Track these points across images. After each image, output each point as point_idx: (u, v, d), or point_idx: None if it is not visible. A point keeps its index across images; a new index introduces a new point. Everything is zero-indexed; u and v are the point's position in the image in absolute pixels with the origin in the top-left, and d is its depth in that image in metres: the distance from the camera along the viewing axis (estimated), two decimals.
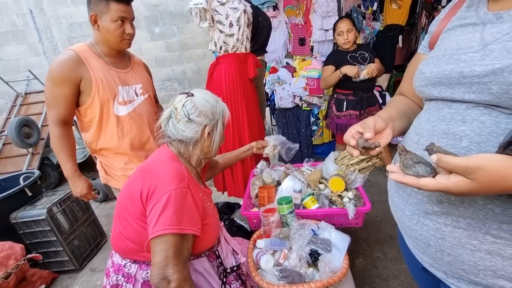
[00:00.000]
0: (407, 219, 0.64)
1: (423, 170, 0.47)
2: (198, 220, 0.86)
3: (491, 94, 0.48)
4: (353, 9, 3.10)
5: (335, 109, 2.29)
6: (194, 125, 0.93)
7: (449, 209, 0.54)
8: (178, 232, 0.79)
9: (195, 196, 0.87)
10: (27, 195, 1.94)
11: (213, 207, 1.01)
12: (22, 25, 3.99)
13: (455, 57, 0.55)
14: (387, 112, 0.73)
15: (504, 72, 0.46)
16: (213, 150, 1.01)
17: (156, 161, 0.93)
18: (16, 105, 3.63)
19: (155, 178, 0.84)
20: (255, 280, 1.01)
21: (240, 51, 1.77)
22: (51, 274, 1.88)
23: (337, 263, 1.02)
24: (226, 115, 1.01)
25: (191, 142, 0.95)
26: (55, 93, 1.19)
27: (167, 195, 0.80)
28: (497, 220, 0.48)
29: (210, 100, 0.97)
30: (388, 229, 1.92)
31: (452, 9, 0.66)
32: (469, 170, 0.42)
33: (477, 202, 0.50)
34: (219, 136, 0.99)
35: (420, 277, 0.76)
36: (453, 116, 0.55)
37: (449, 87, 0.55)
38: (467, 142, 0.51)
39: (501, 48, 0.48)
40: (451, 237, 0.54)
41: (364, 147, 0.59)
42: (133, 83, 1.36)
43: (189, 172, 0.92)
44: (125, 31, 1.25)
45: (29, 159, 3.15)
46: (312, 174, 1.42)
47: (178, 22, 4.27)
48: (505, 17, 0.51)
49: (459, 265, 0.54)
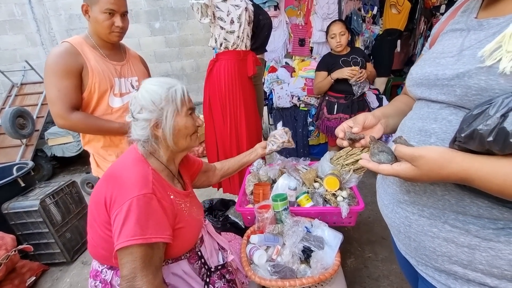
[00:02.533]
0: (385, 208, 0.70)
1: (384, 158, 0.55)
2: (167, 226, 0.80)
3: (456, 96, 0.53)
4: (353, 12, 3.13)
5: (326, 111, 2.33)
6: (141, 122, 0.86)
7: (415, 199, 0.59)
8: (143, 243, 0.73)
9: (163, 200, 0.81)
10: (19, 186, 1.92)
11: (190, 207, 0.95)
12: (20, 14, 3.95)
13: (436, 60, 0.59)
14: (383, 110, 0.77)
15: (465, 76, 0.50)
16: (174, 143, 0.89)
17: (120, 165, 0.87)
18: (11, 96, 3.59)
19: (116, 184, 0.79)
20: (247, 274, 1.01)
21: (240, 49, 1.77)
22: (42, 266, 1.86)
23: (329, 260, 1.04)
24: (178, 99, 0.87)
25: (148, 140, 0.88)
26: (63, 85, 1.18)
27: (128, 203, 0.74)
28: (453, 210, 0.53)
29: (154, 88, 0.86)
30: (380, 230, 1.94)
31: (452, 13, 0.68)
32: (413, 158, 0.49)
33: (437, 193, 0.55)
34: (171, 125, 0.86)
35: (404, 267, 0.80)
36: (429, 115, 0.59)
37: (428, 88, 0.60)
38: (435, 139, 0.56)
39: (470, 54, 0.52)
40: (416, 225, 0.59)
41: (350, 139, 0.65)
42: (129, 75, 1.36)
43: (157, 174, 0.86)
44: (114, 24, 1.24)
45: (22, 150, 3.12)
46: (307, 173, 1.44)
47: (178, 18, 4.27)
48: (484, 25, 0.53)
49: (422, 250, 0.59)
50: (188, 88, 0.94)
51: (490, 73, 0.46)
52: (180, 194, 0.93)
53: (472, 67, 0.49)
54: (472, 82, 0.49)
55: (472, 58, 0.51)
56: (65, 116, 1.19)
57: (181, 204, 0.90)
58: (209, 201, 1.82)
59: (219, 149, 1.93)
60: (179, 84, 0.90)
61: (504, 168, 0.42)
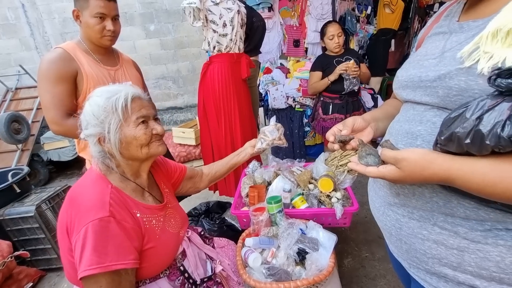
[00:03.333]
0: (377, 211, 0.70)
1: (371, 161, 0.56)
2: (130, 250, 0.74)
3: (438, 97, 0.54)
4: (347, 12, 3.14)
5: (321, 111, 2.34)
6: (91, 138, 0.80)
7: (405, 201, 0.60)
8: (103, 271, 0.68)
9: (124, 222, 0.74)
10: (15, 192, 1.91)
11: (165, 221, 0.88)
12: (13, 18, 3.93)
13: (420, 63, 0.60)
14: (372, 113, 0.79)
15: (446, 77, 0.51)
16: (125, 157, 0.83)
17: (79, 187, 0.82)
18: (6, 100, 3.56)
19: (74, 209, 0.74)
20: (242, 277, 1.02)
21: (234, 51, 1.78)
22: (39, 272, 1.85)
23: (324, 261, 1.04)
24: (120, 109, 0.79)
25: (105, 156, 0.82)
26: (57, 91, 1.18)
27: (84, 230, 0.69)
28: (442, 212, 0.54)
29: (95, 100, 0.80)
30: (376, 230, 1.94)
31: (437, 17, 0.69)
32: (396, 160, 0.50)
33: (425, 195, 0.56)
34: (116, 138, 0.79)
35: (398, 270, 0.81)
36: (415, 117, 0.60)
37: (413, 90, 0.61)
38: (421, 141, 0.57)
39: (450, 56, 0.53)
40: (407, 227, 0.60)
41: (340, 141, 0.66)
42: (123, 80, 1.36)
43: (118, 192, 0.79)
44: (106, 28, 1.24)
45: (18, 156, 3.10)
46: (302, 175, 1.44)
47: (173, 20, 4.26)
48: (465, 27, 0.55)
49: (413, 253, 0.60)
50: (184, 90, 0.88)
51: (469, 73, 0.47)
52: (151, 209, 0.86)
53: (453, 68, 0.50)
54: (453, 83, 0.50)
55: (452, 59, 0.52)
56: (59, 122, 1.19)
57: (151, 221, 0.84)
58: (206, 203, 1.82)
59: (215, 151, 1.94)
60: (125, 91, 0.81)
61: (482, 168, 0.44)
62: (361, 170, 0.57)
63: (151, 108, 0.88)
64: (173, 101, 4.63)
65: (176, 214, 0.97)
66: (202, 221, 1.62)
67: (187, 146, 3.18)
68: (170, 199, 0.99)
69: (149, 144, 0.84)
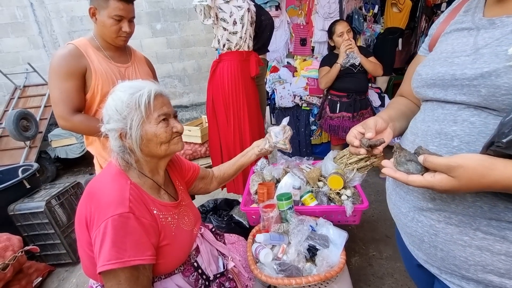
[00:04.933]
0: (403, 216, 0.65)
1: (413, 168, 0.50)
2: (148, 246, 0.75)
3: (480, 96, 0.50)
4: (355, 11, 3.13)
5: (328, 110, 2.34)
6: (112, 133, 0.81)
7: (441, 206, 0.55)
8: (122, 266, 0.69)
9: (142, 218, 0.75)
10: (25, 188, 1.93)
11: (180, 219, 0.90)
12: (22, 17, 3.97)
13: (449, 60, 0.57)
14: (388, 112, 0.75)
15: (491, 75, 0.48)
16: (144, 154, 0.83)
17: (98, 181, 0.83)
18: (14, 98, 3.60)
19: (94, 203, 0.75)
20: (254, 273, 1.02)
21: (243, 49, 1.78)
22: (48, 267, 1.87)
23: (334, 258, 1.04)
24: (143, 106, 0.79)
25: (125, 151, 0.82)
26: (65, 87, 1.19)
27: (104, 225, 0.70)
28: (486, 217, 0.50)
29: (119, 95, 0.80)
30: (384, 229, 1.95)
31: (451, 13, 0.67)
32: (450, 168, 0.45)
33: (467, 199, 0.52)
34: (137, 135, 0.79)
35: (415, 274, 0.78)
36: (446, 117, 0.57)
37: (443, 88, 0.57)
38: (458, 142, 0.53)
39: (490, 52, 0.50)
40: (444, 233, 0.56)
41: (370, 146, 0.61)
42: (133, 77, 1.37)
43: (137, 189, 0.80)
44: (122, 29, 1.25)
45: (26, 152, 3.13)
46: (311, 172, 1.44)
47: (179, 19, 4.28)
48: (497, 23, 0.53)
49: (451, 260, 0.56)
50: (190, 89, 0.87)
51: None
52: (167, 206, 0.87)
53: (500, 65, 0.47)
54: (502, 82, 0.47)
55: (494, 56, 0.49)
56: (67, 118, 1.21)
57: (167, 218, 0.85)
58: (214, 201, 1.83)
59: (223, 149, 1.94)
60: (148, 88, 0.81)
61: None
62: (402, 178, 0.51)
63: (171, 106, 0.89)
64: (178, 99, 4.65)
65: (190, 211, 0.98)
66: (210, 218, 1.63)
67: (193, 144, 3.19)
68: (184, 197, 0.99)
69: (169, 142, 0.85)
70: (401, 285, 1.52)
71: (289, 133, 1.15)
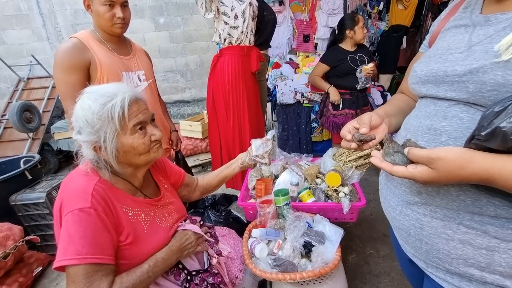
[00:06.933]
0: (392, 210, 0.67)
1: (399, 159, 0.52)
2: (108, 245, 0.72)
3: (468, 93, 0.51)
4: (359, 7, 3.10)
5: (331, 108, 2.32)
6: (85, 144, 0.76)
7: (427, 200, 0.57)
8: (77, 263, 0.67)
9: (105, 215, 0.72)
10: (27, 178, 1.96)
11: (155, 216, 0.87)
12: (26, 9, 3.98)
13: (443, 57, 0.58)
14: (384, 109, 0.76)
15: (479, 72, 0.49)
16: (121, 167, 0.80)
17: (72, 174, 0.80)
18: (18, 90, 3.63)
19: (62, 195, 0.74)
20: (248, 267, 1.03)
21: (244, 44, 1.77)
22: (48, 257, 1.90)
23: (330, 255, 1.05)
24: (116, 118, 0.73)
25: (99, 160, 0.79)
26: (70, 81, 1.20)
27: (66, 218, 0.69)
28: (469, 211, 0.51)
29: (88, 104, 0.74)
30: (381, 227, 1.95)
31: (452, 10, 0.67)
32: (430, 160, 0.46)
33: (451, 193, 0.53)
34: (112, 148, 0.75)
35: (407, 269, 0.79)
36: (437, 113, 0.58)
37: (435, 85, 0.58)
38: (446, 137, 0.54)
39: (481, 49, 0.51)
40: (429, 227, 0.57)
41: (360, 140, 0.62)
42: (136, 69, 1.38)
43: (105, 184, 0.77)
44: (116, 15, 1.25)
45: (29, 144, 3.16)
46: (309, 169, 1.44)
47: (183, 13, 4.26)
48: (492, 20, 0.53)
49: (435, 253, 0.57)
50: (192, 84, 0.83)
51: (507, 67, 0.45)
52: (141, 203, 0.84)
53: (487, 62, 0.48)
54: (488, 78, 0.47)
55: (484, 53, 0.49)
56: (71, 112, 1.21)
57: (140, 215, 0.82)
58: (212, 196, 1.84)
59: (222, 144, 1.94)
60: (121, 95, 0.75)
61: None
62: (387, 168, 0.53)
63: (148, 110, 0.84)
64: (180, 94, 4.65)
65: (173, 208, 0.96)
66: (209, 213, 1.64)
67: (193, 139, 3.20)
68: (167, 194, 0.97)
69: (149, 151, 0.82)
70: (397, 284, 1.53)
71: (270, 147, 1.12)
